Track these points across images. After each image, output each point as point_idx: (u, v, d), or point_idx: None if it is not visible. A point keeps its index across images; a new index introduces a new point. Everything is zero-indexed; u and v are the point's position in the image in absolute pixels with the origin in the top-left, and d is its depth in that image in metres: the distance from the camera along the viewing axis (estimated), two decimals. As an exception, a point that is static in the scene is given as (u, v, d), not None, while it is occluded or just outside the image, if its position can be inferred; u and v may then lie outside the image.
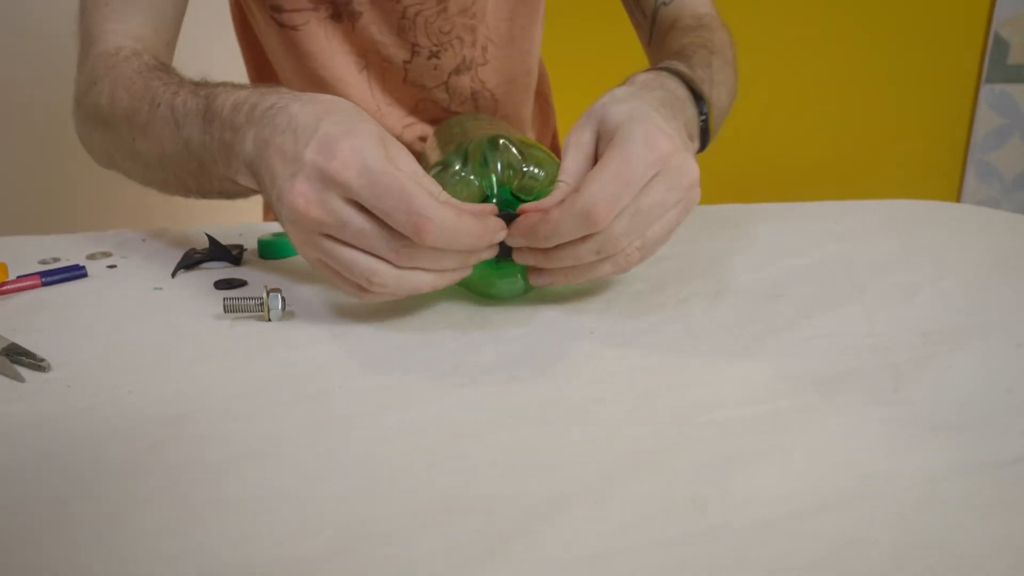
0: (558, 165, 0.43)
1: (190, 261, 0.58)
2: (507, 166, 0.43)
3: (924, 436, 0.31)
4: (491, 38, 0.80)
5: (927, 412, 0.33)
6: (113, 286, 0.54)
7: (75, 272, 0.57)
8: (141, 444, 0.31)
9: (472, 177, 0.43)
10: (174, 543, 0.25)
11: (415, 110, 0.80)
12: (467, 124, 0.60)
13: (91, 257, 0.63)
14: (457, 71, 0.80)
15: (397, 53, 0.76)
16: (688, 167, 0.42)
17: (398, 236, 0.39)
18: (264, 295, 0.46)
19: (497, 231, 0.41)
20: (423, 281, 0.41)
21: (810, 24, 1.38)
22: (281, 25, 0.75)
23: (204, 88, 0.53)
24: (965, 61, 1.37)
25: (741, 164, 1.36)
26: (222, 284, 0.53)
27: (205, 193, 0.57)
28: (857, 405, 0.33)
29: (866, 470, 0.28)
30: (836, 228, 0.67)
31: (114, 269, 0.59)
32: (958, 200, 1.43)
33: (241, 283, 0.54)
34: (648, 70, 0.54)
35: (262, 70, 0.85)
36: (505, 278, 0.45)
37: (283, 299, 0.46)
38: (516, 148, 0.44)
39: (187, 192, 0.58)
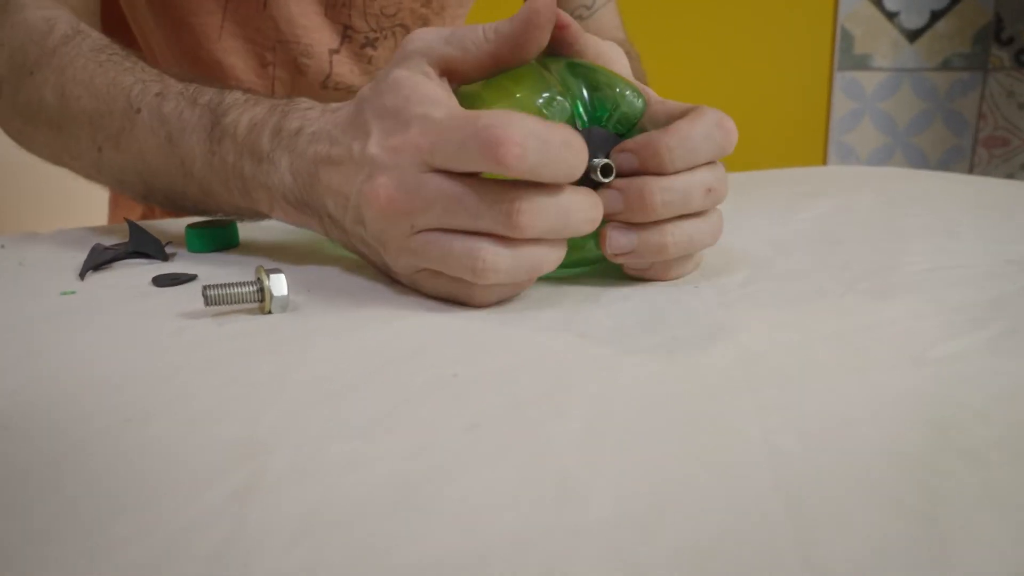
0: (643, 98, 0.34)
1: (103, 259, 0.43)
2: (595, 89, 0.33)
3: None
4: None
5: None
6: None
7: (-74, 284, 0.40)
8: (224, 487, 0.19)
9: (560, 98, 0.32)
10: None
11: None
12: None
13: (-67, 269, 0.45)
14: None
15: (321, 39, 0.61)
16: None
17: (491, 187, 0.29)
18: (262, 276, 0.33)
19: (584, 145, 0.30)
20: (541, 256, 0.30)
21: (685, 25, 1.43)
22: None
23: (201, 94, 0.41)
24: (819, 52, 1.47)
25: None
26: (164, 280, 0.39)
27: (204, 213, 0.45)
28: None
29: None
30: (804, 189, 0.65)
31: (-20, 279, 0.42)
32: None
33: (189, 278, 0.40)
34: None
35: (114, 28, 0.67)
36: (594, 236, 0.33)
37: (287, 283, 0.34)
38: (605, 72, 0.34)
39: (178, 209, 0.46)
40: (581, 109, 0.33)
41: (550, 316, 0.31)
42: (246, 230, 0.49)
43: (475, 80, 0.34)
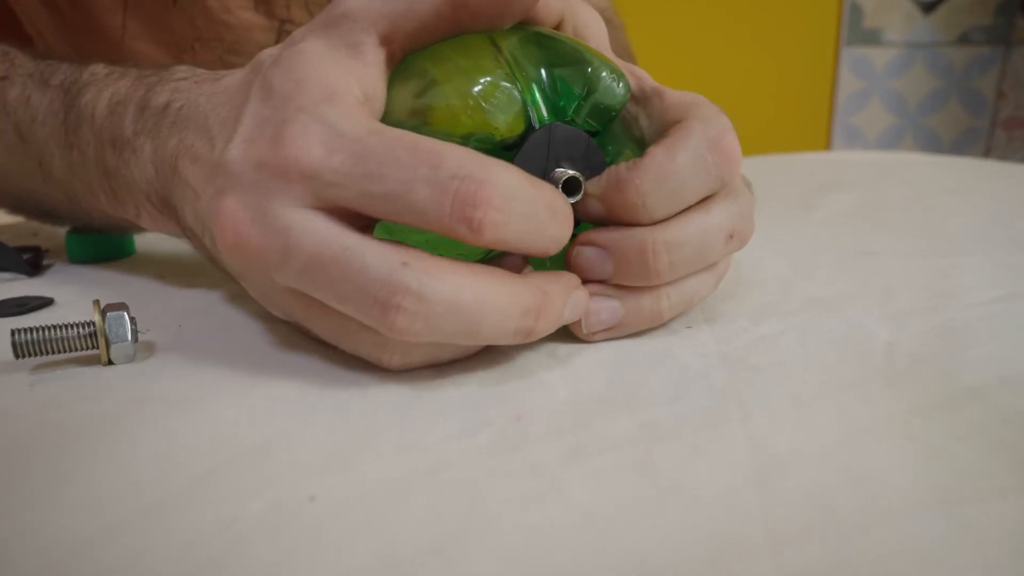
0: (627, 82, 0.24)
1: (-57, 275, 0.33)
2: (559, 68, 0.23)
3: None
4: None
5: None
6: None
7: None
8: None
9: (506, 84, 0.22)
10: None
11: None
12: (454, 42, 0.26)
13: None
14: None
15: (250, 37, 0.48)
16: None
17: (372, 257, 0.19)
18: (97, 317, 0.24)
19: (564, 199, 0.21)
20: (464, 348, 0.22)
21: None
22: None
23: (54, 72, 0.31)
24: (824, 25, 1.35)
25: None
26: (7, 307, 0.30)
27: (81, 223, 0.36)
28: None
29: None
30: (817, 180, 0.55)
31: None
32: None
33: (43, 302, 0.31)
34: None
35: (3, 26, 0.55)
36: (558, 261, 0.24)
37: (132, 321, 0.24)
38: (572, 45, 0.24)
39: (56, 222, 0.37)
40: (539, 97, 0.23)
41: (479, 384, 0.21)
42: (143, 235, 0.40)
43: (423, 46, 0.23)
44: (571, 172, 0.22)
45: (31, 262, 0.35)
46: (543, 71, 0.23)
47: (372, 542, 0.15)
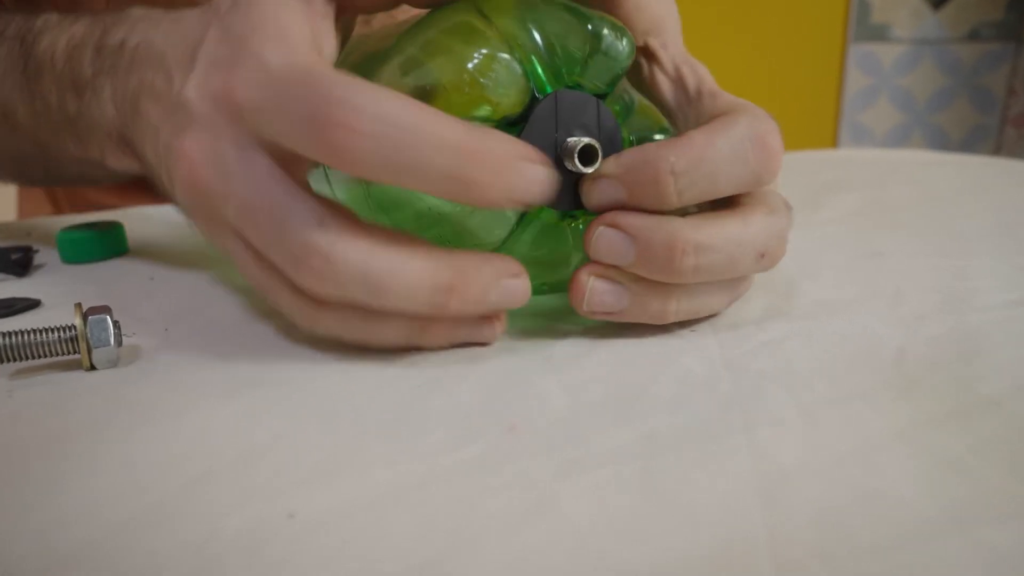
0: (631, 41, 0.23)
1: (-71, 276, 0.33)
2: (556, 31, 0.22)
3: None
4: None
5: None
6: None
7: None
8: None
9: (504, 56, 0.21)
10: None
11: None
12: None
13: None
14: None
15: None
16: None
17: (299, 206, 0.19)
18: (78, 321, 0.23)
19: (531, 159, 0.19)
20: (395, 330, 0.21)
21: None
22: None
23: (7, 25, 0.31)
24: (831, 21, 1.34)
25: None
26: (-6, 309, 0.29)
27: (57, 179, 0.36)
28: None
29: None
30: (823, 178, 0.54)
31: None
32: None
33: (29, 304, 0.30)
34: None
35: None
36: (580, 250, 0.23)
37: (116, 325, 0.24)
38: (566, 4, 0.23)
39: (30, 181, 0.37)
40: (539, 67, 0.22)
41: (474, 389, 0.20)
42: (137, 233, 0.39)
43: (382, 6, 0.23)
44: (586, 140, 0.21)
45: (20, 262, 0.34)
46: (539, 35, 0.22)
47: (355, 561, 0.14)
